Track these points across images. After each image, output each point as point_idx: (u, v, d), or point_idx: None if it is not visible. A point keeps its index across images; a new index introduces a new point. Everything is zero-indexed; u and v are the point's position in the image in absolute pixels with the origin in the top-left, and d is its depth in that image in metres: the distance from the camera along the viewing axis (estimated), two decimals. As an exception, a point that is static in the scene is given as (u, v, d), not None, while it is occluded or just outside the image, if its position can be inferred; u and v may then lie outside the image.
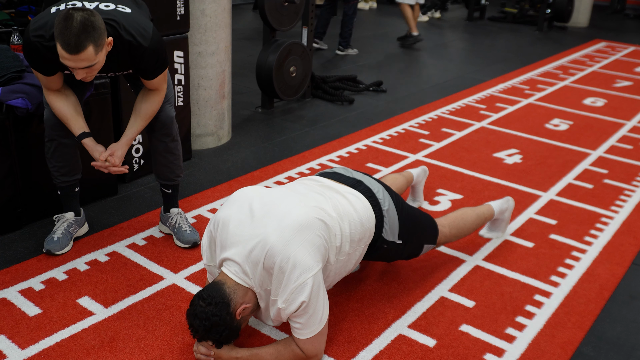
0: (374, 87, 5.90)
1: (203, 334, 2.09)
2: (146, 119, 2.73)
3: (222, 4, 4.06)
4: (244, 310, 2.11)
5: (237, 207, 2.22)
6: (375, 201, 2.46)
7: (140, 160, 3.73)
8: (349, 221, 2.30)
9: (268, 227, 2.12)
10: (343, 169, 2.64)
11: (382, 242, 2.48)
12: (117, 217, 3.26)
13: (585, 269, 2.98)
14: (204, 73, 4.11)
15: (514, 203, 3.19)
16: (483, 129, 4.89)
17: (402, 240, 2.54)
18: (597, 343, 2.49)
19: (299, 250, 2.07)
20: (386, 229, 2.47)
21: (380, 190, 2.52)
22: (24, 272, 2.72)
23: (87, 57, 2.29)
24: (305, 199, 2.25)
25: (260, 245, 2.08)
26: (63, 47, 2.26)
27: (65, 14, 2.25)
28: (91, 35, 2.26)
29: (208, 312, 2.04)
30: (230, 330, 2.08)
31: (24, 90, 2.88)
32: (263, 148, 4.35)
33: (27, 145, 3.02)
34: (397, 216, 2.50)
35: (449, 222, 2.85)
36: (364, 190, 2.48)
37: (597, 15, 11.18)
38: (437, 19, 10.48)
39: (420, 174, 3.47)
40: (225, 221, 2.20)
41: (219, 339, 2.10)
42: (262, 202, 2.22)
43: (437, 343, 2.42)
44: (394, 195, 2.57)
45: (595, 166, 4.25)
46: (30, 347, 2.28)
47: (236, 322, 2.10)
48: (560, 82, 6.47)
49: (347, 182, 2.51)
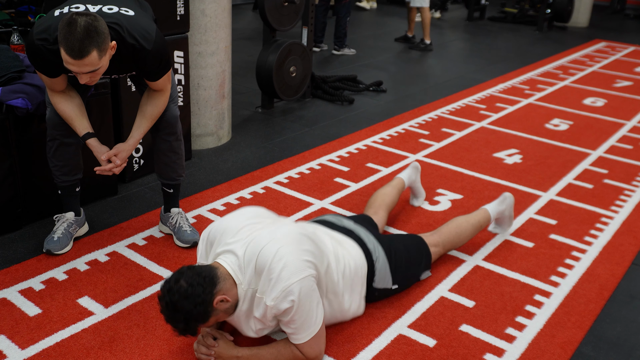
0: (374, 87, 5.90)
1: (178, 299, 1.95)
2: (152, 119, 2.73)
3: (222, 4, 4.06)
4: (222, 303, 2.04)
5: (237, 215, 2.30)
6: (366, 252, 2.50)
7: (140, 160, 3.73)
8: (343, 261, 2.35)
9: (264, 231, 2.16)
10: (334, 217, 2.67)
11: (373, 291, 2.54)
12: (117, 217, 3.26)
13: (585, 269, 2.98)
14: (204, 73, 4.11)
15: (512, 199, 3.17)
16: (483, 129, 4.89)
17: (397, 284, 2.60)
18: (597, 343, 2.49)
19: (292, 253, 2.08)
20: (377, 278, 2.52)
21: (371, 240, 2.54)
22: (24, 272, 2.72)
23: (91, 62, 2.30)
24: (305, 227, 2.32)
25: (254, 244, 2.10)
26: (67, 52, 2.27)
27: (69, 19, 2.25)
28: (95, 40, 2.27)
29: (194, 280, 1.99)
30: (204, 308, 1.98)
31: (24, 90, 2.88)
32: (263, 148, 4.35)
33: (27, 145, 3.02)
34: (388, 264, 2.54)
35: (442, 240, 2.86)
36: (356, 240, 2.52)
37: (597, 15, 11.18)
38: (437, 19, 10.48)
39: (412, 174, 3.42)
40: (224, 224, 2.25)
41: (190, 312, 1.96)
42: (262, 216, 2.31)
43: (437, 343, 2.42)
44: (384, 242, 2.58)
45: (595, 166, 4.25)
46: (30, 347, 2.28)
47: (211, 307, 2.01)
48: (560, 82, 6.48)
49: (340, 231, 2.55)
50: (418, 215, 3.41)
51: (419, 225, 3.31)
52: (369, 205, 3.12)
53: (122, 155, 2.69)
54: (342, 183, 3.79)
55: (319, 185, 3.74)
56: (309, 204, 3.49)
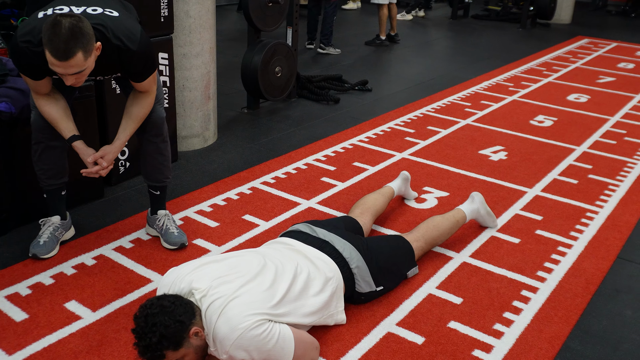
0: (359, 87, 5.91)
1: (158, 312, 1.94)
2: (138, 121, 2.72)
3: (206, 5, 4.05)
4: (196, 338, 2.03)
5: (197, 267, 2.24)
6: (342, 261, 2.48)
7: (126, 163, 3.71)
8: (313, 288, 2.31)
9: (220, 300, 2.07)
10: (307, 227, 2.63)
11: (359, 295, 2.55)
12: (103, 220, 3.25)
13: (571, 263, 3.01)
14: (189, 74, 4.10)
15: (480, 197, 3.20)
16: (468, 127, 4.91)
17: (381, 286, 2.60)
18: (584, 337, 2.51)
19: (236, 316, 2.03)
20: (359, 284, 2.52)
21: (347, 248, 2.53)
22: (10, 277, 2.70)
23: (77, 63, 2.29)
24: (272, 266, 2.26)
25: (212, 309, 2.05)
26: (52, 54, 2.26)
27: (53, 21, 2.24)
28: (80, 42, 2.26)
29: (176, 301, 2.00)
30: (179, 330, 1.96)
31: (8, 94, 2.86)
32: (249, 149, 4.35)
33: (12, 150, 2.99)
34: (368, 269, 2.53)
35: (422, 234, 2.87)
36: (330, 252, 2.49)
37: (580, 12, 11.26)
38: (422, 18, 10.51)
39: (401, 185, 3.44)
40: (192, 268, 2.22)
41: (166, 327, 1.93)
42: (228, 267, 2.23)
43: (426, 340, 2.43)
44: (361, 247, 2.57)
45: (579, 162, 4.29)
46: (17, 352, 2.27)
47: (185, 334, 1.99)
48: (544, 79, 6.52)
49: (314, 243, 2.52)
50: (404, 213, 3.43)
51: (406, 223, 3.32)
52: (356, 206, 3.12)
53: (108, 157, 2.68)
54: (329, 182, 3.79)
55: (306, 185, 3.75)
56: (296, 204, 3.49)
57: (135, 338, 1.98)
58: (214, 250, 2.99)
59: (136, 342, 1.98)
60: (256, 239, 3.10)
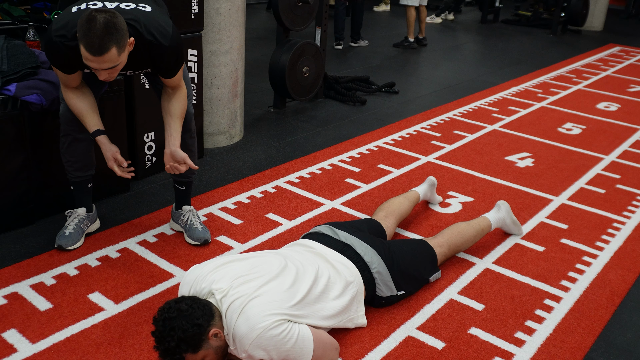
0: (386, 88, 5.90)
1: (177, 316, 1.96)
2: (182, 116, 2.73)
3: (237, 3, 4.07)
4: (215, 339, 2.03)
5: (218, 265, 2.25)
6: (363, 265, 2.48)
7: (153, 158, 3.74)
8: (333, 292, 2.31)
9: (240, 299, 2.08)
10: (329, 229, 2.62)
11: (380, 299, 2.54)
12: (128, 214, 3.28)
13: (596, 274, 2.97)
14: (217, 72, 4.12)
15: (506, 206, 3.17)
16: (495, 132, 4.87)
17: (403, 290, 2.59)
18: (607, 349, 2.47)
19: (256, 316, 2.04)
20: (380, 288, 2.52)
21: (368, 252, 2.52)
22: (35, 267, 2.74)
23: (111, 58, 2.32)
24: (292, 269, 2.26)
25: (233, 308, 2.06)
26: (87, 49, 2.28)
27: (88, 16, 2.26)
28: (114, 37, 2.28)
29: (194, 304, 2.01)
30: (198, 333, 1.97)
31: (39, 87, 2.90)
32: (275, 147, 4.36)
33: (41, 141, 3.04)
34: (389, 273, 2.53)
35: (446, 240, 2.86)
36: (351, 256, 2.49)
37: (612, 19, 11.11)
38: (451, 21, 10.46)
39: (427, 190, 3.43)
40: (211, 269, 2.22)
41: (183, 332, 1.94)
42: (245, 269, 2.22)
43: (446, 345, 2.41)
44: (382, 251, 2.55)
45: (607, 171, 4.23)
46: (40, 341, 2.30)
47: (205, 336, 2.00)
48: (574, 86, 6.44)
49: (335, 246, 2.52)
50: (428, 218, 3.41)
51: (430, 227, 3.30)
52: (380, 209, 3.10)
53: (179, 154, 2.66)
54: (353, 184, 3.79)
55: (330, 185, 3.74)
56: (320, 204, 3.49)
57: (155, 341, 2.00)
58: (237, 248, 3.00)
59: (156, 346, 2.00)
60: (279, 238, 3.10)
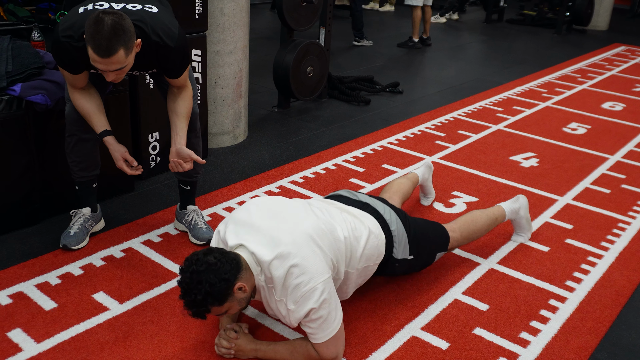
0: (390, 88, 5.90)
1: (204, 269, 1.96)
2: (188, 116, 2.73)
3: (241, 3, 4.07)
4: (240, 292, 2.04)
5: (251, 210, 2.24)
6: (383, 222, 2.50)
7: (157, 158, 3.75)
8: (362, 239, 2.34)
9: (281, 229, 2.13)
10: (348, 192, 2.67)
11: (394, 261, 2.54)
12: (133, 214, 3.28)
13: (601, 274, 2.96)
14: (222, 72, 4.13)
15: (525, 200, 3.16)
16: (500, 132, 4.86)
17: (413, 255, 2.59)
18: (612, 349, 2.47)
19: (310, 256, 2.08)
20: (396, 247, 2.52)
21: (387, 211, 2.55)
22: (40, 267, 2.75)
23: (118, 60, 2.33)
24: (319, 212, 2.30)
25: (272, 246, 2.09)
26: (94, 51, 2.29)
27: (96, 18, 2.27)
28: (122, 39, 2.29)
29: (222, 257, 2.01)
30: (225, 287, 1.97)
31: (44, 87, 2.91)
32: (279, 147, 4.36)
33: (46, 141, 3.05)
34: (406, 234, 2.54)
35: (459, 226, 2.86)
36: (372, 212, 2.52)
37: (617, 19, 11.08)
38: (455, 21, 10.44)
39: (425, 172, 3.45)
40: (239, 219, 2.22)
41: (212, 286, 1.95)
42: (277, 208, 2.26)
43: (450, 346, 2.41)
44: (401, 214, 2.60)
45: (612, 171, 4.21)
46: (45, 340, 2.30)
47: (230, 290, 2.00)
48: (579, 86, 6.43)
49: (355, 205, 2.55)
50: (433, 217, 3.40)
51: (434, 227, 3.30)
52: (384, 191, 3.15)
53: (184, 151, 2.67)
54: (357, 183, 3.78)
55: (334, 185, 3.74)
56: (324, 204, 3.49)
57: (181, 291, 2.00)
58: (241, 248, 3.00)
59: (181, 296, 2.01)
60: (283, 238, 3.10)
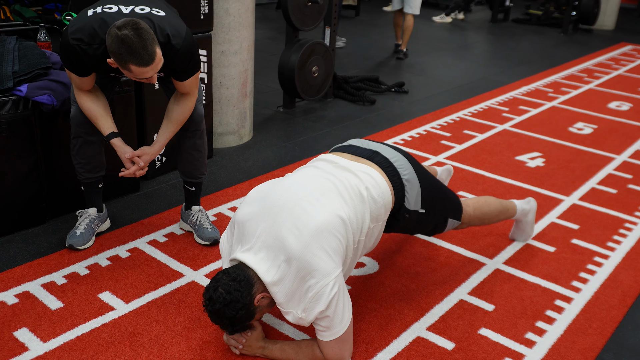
0: (395, 88, 5.89)
1: (220, 307, 2.04)
2: (178, 124, 2.76)
3: (246, 3, 4.08)
4: (263, 299, 2.10)
5: (253, 206, 2.20)
6: (393, 171, 2.39)
7: (162, 158, 3.76)
8: (362, 202, 2.23)
9: (284, 228, 2.07)
10: (359, 141, 2.56)
11: (405, 212, 2.43)
12: (138, 214, 3.29)
13: (608, 274, 2.95)
14: (227, 72, 4.13)
15: (536, 204, 3.15)
16: (505, 132, 4.85)
17: (425, 209, 2.48)
18: (619, 350, 2.46)
19: (318, 254, 2.04)
20: (408, 198, 2.41)
21: (399, 158, 2.44)
22: (46, 266, 2.76)
23: (159, 58, 2.37)
24: (320, 191, 2.20)
25: (278, 248, 2.07)
26: (139, 65, 2.32)
27: (117, 38, 2.27)
28: (149, 38, 2.32)
29: (231, 287, 2.04)
30: (247, 311, 2.07)
31: (50, 87, 2.92)
32: (284, 147, 4.36)
33: (52, 141, 3.06)
34: (419, 184, 2.44)
35: (473, 204, 2.82)
36: (380, 161, 2.40)
37: (624, 18, 11.04)
38: (461, 21, 10.43)
39: (444, 172, 3.46)
40: (243, 221, 2.18)
41: (233, 317, 2.06)
42: (278, 198, 2.17)
43: (456, 346, 2.40)
44: (415, 164, 2.49)
45: (619, 171, 4.20)
46: (52, 340, 2.31)
47: (253, 307, 2.08)
48: (585, 86, 6.41)
49: (363, 154, 2.43)
50: (438, 218, 3.40)
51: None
52: None
53: (145, 158, 2.72)
54: (363, 184, 3.78)
55: (340, 185, 3.74)
56: (329, 204, 3.48)
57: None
58: (246, 248, 3.00)
59: None
60: (288, 238, 3.10)
